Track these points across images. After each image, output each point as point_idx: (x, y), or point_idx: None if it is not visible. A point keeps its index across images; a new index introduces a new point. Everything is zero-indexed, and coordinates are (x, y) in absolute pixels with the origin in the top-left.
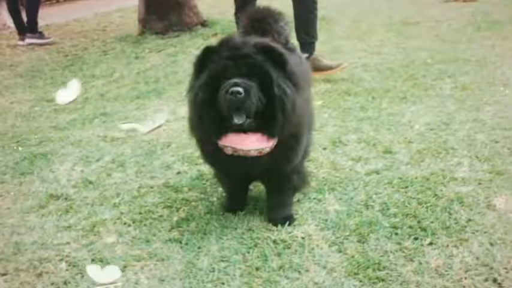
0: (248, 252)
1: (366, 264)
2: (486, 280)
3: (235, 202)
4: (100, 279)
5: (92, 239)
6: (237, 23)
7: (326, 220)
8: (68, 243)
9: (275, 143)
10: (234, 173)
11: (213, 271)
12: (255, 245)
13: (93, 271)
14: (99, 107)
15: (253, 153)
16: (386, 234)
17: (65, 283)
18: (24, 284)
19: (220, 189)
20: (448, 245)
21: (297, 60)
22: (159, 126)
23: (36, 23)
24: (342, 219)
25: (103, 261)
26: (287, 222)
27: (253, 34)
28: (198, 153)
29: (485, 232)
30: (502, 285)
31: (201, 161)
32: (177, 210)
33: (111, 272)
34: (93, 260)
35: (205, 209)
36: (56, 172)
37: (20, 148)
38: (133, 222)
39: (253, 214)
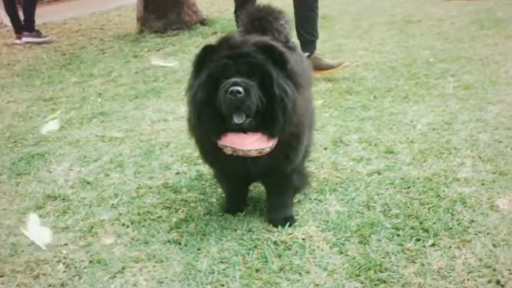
0: (248, 254)
1: (367, 265)
2: (489, 282)
3: (235, 203)
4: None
5: (89, 240)
6: (236, 21)
7: (327, 221)
8: (66, 244)
9: (275, 143)
10: (233, 174)
11: (213, 273)
12: (255, 247)
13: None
14: (97, 107)
15: (253, 154)
16: (388, 235)
17: (63, 285)
18: (21, 286)
19: (219, 189)
20: (450, 247)
21: (297, 59)
22: None
23: (33, 22)
24: (343, 220)
25: (101, 263)
26: (287, 223)
27: (253, 33)
28: (197, 153)
29: (488, 233)
30: (505, 287)
31: (200, 161)
32: (176, 211)
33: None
34: (91, 262)
35: (205, 210)
36: (53, 172)
37: (16, 148)
38: (132, 223)
39: (253, 215)
